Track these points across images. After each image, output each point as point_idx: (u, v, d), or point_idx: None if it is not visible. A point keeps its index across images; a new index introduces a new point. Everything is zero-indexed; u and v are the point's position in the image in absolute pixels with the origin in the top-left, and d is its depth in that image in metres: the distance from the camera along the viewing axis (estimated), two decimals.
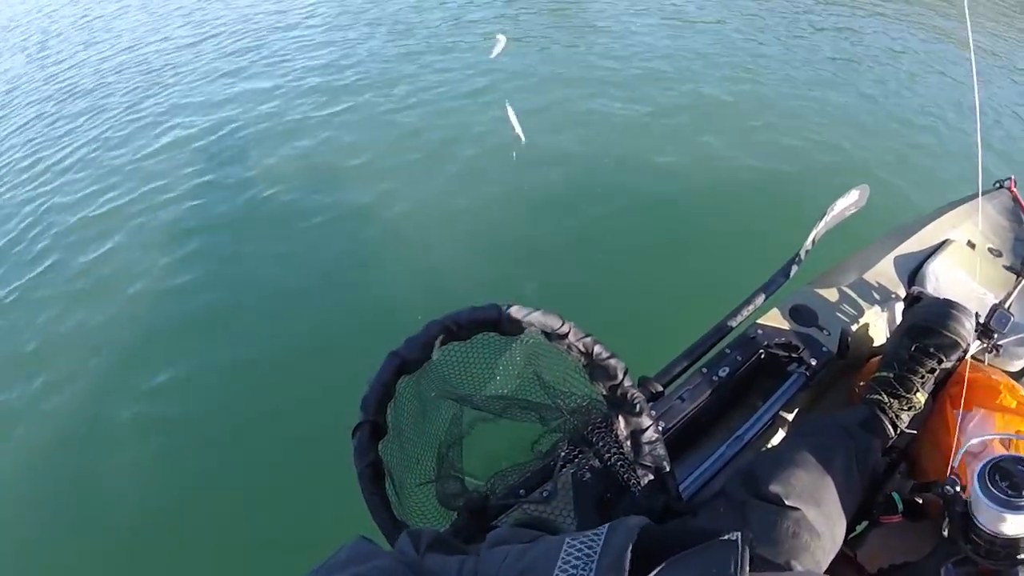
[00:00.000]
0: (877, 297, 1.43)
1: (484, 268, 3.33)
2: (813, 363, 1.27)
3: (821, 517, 0.89)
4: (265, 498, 2.46)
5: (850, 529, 0.97)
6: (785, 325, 1.34)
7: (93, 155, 5.12)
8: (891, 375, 1.12)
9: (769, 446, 1.25)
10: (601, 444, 0.95)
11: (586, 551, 0.50)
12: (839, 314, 1.39)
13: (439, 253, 3.51)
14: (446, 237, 3.60)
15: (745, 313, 1.29)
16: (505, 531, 0.72)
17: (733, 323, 1.27)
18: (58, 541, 2.47)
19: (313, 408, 2.68)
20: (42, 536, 2.51)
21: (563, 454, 0.96)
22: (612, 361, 0.90)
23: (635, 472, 0.94)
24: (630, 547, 0.49)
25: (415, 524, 0.89)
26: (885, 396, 1.10)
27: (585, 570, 0.48)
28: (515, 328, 0.89)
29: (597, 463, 0.98)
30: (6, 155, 5.51)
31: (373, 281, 3.46)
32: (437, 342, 0.87)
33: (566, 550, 0.51)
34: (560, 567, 0.49)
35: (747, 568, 0.46)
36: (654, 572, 0.48)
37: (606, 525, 0.53)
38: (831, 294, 1.43)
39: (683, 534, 0.52)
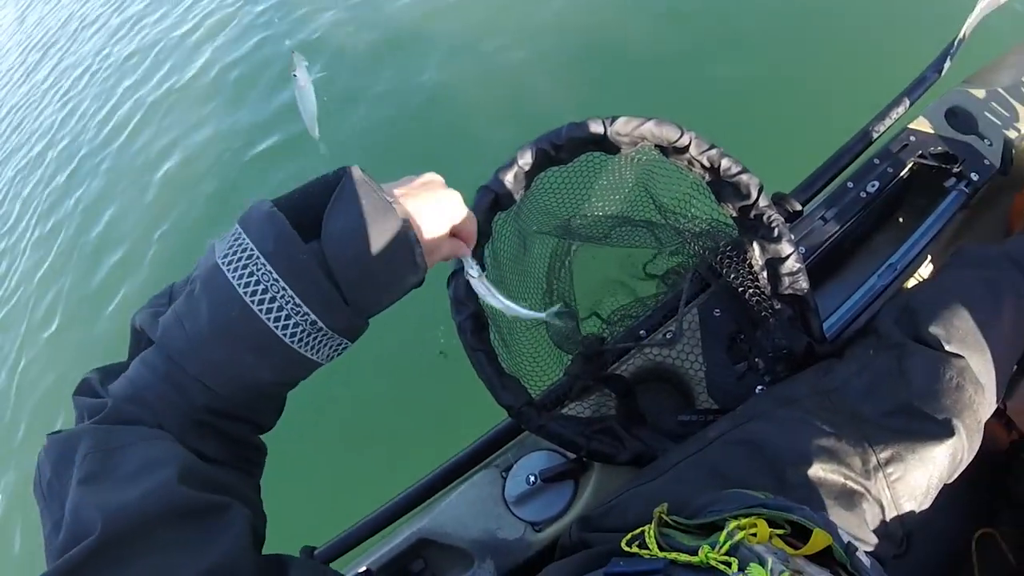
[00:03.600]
0: None
1: (576, 83, 2.74)
2: (974, 178, 1.06)
3: (985, 366, 0.75)
4: None
5: (1010, 378, 0.81)
6: (939, 131, 1.11)
7: None
8: None
9: (921, 277, 1.08)
10: (732, 275, 0.82)
11: None
12: (998, 121, 1.14)
13: (522, 71, 2.98)
14: (529, 52, 3.05)
15: (893, 117, 1.06)
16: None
17: (879, 129, 1.05)
18: None
19: None
20: None
21: (686, 287, 0.83)
22: (744, 177, 0.74)
23: (773, 307, 0.81)
24: None
25: (526, 372, 0.82)
26: None
27: None
28: (624, 143, 0.74)
29: (727, 297, 0.86)
30: None
31: (452, 110, 3.02)
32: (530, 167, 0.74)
33: None
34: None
35: None
36: None
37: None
38: (989, 96, 1.17)
39: None
